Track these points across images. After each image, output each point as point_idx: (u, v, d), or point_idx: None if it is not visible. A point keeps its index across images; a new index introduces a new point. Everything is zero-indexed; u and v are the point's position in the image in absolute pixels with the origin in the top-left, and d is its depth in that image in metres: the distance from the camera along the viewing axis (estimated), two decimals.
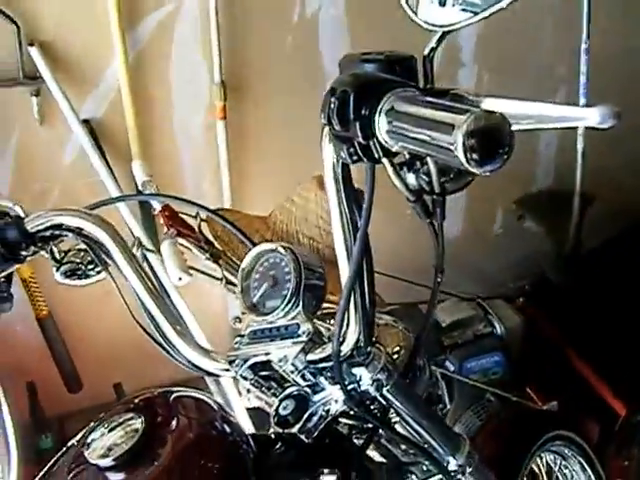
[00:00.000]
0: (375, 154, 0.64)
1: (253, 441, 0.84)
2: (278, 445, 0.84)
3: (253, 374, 0.82)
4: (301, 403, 0.79)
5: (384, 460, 0.94)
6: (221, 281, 1.16)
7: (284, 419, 0.78)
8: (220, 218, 1.11)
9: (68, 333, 2.07)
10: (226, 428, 0.83)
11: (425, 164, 0.72)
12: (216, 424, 0.83)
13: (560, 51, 2.40)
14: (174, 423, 0.80)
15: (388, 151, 0.64)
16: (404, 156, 0.72)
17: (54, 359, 2.00)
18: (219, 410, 0.86)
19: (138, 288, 0.85)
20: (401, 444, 0.93)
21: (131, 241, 0.94)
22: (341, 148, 0.66)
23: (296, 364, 0.78)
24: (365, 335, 0.77)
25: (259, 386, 0.82)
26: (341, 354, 0.76)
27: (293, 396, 0.80)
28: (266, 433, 0.85)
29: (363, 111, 0.62)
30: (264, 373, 0.82)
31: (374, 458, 0.93)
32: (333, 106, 0.63)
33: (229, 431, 0.82)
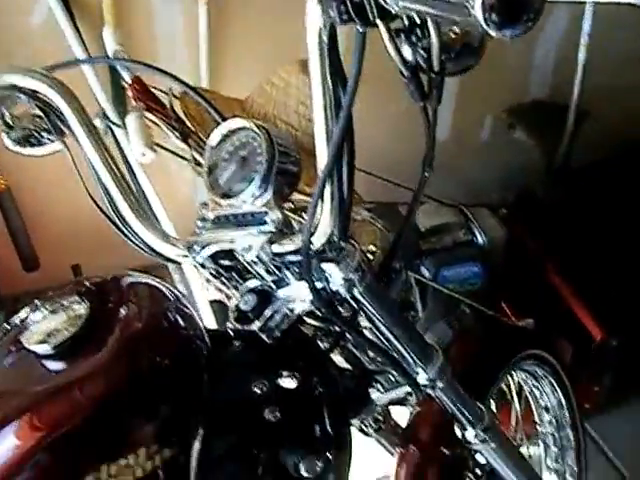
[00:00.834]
0: (369, 15, 0.55)
1: (209, 336, 0.78)
2: (236, 343, 0.78)
3: (214, 263, 0.76)
4: (264, 299, 0.74)
5: (349, 367, 0.90)
6: (189, 162, 1.10)
7: (244, 315, 0.73)
8: (195, 93, 1.02)
9: (27, 208, 1.99)
10: (179, 320, 0.76)
11: (425, 37, 0.64)
12: (169, 315, 0.76)
13: None
14: (122, 311, 0.73)
15: (385, 12, 0.55)
16: (403, 22, 0.62)
17: (10, 234, 1.94)
18: (175, 301, 0.79)
19: (96, 162, 0.80)
20: (369, 351, 0.89)
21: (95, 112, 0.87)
22: (330, 6, 0.57)
23: (261, 255, 0.72)
24: (339, 228, 0.70)
25: (219, 276, 0.77)
26: (311, 247, 0.69)
27: (256, 291, 0.75)
28: (224, 329, 0.79)
29: None
30: (226, 263, 0.76)
31: (338, 364, 0.88)
32: None
33: (183, 324, 0.76)
